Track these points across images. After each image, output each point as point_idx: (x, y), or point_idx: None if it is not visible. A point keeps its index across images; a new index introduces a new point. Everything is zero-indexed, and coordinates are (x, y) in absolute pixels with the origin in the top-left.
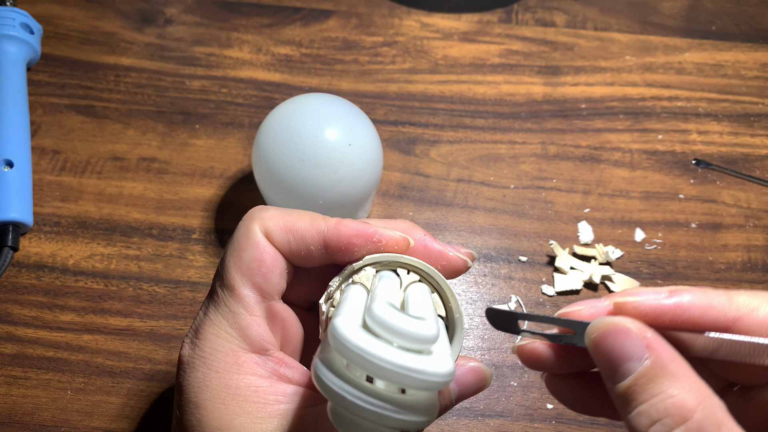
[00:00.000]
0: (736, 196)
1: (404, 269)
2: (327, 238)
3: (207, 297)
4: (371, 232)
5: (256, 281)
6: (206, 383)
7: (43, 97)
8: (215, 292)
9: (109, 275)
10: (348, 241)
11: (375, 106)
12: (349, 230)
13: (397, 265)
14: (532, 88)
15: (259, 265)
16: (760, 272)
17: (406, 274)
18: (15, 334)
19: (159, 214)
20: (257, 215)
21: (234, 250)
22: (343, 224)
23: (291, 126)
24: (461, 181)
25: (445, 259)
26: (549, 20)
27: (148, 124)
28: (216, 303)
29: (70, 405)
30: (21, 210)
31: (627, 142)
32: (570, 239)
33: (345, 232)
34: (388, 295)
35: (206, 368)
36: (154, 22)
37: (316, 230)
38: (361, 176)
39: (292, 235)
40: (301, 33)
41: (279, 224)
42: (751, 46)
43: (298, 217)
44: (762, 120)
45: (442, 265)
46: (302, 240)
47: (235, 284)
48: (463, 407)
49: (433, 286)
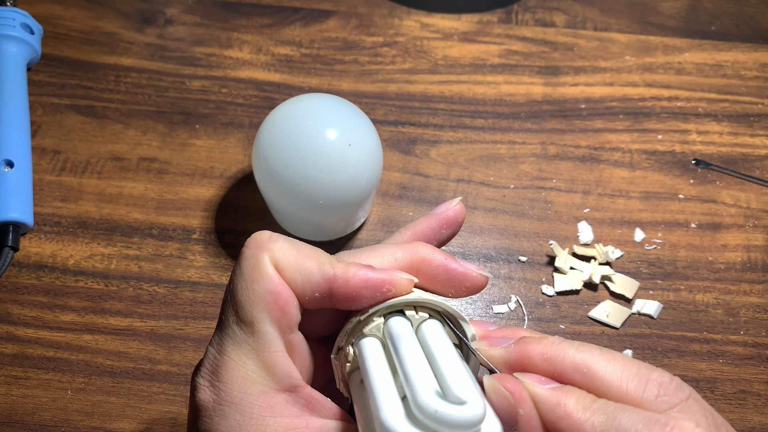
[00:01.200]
0: (736, 196)
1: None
2: (334, 288)
3: (217, 332)
4: (380, 281)
5: (275, 316)
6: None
7: (44, 97)
8: (230, 328)
9: (110, 275)
10: (357, 292)
11: (375, 106)
12: (358, 281)
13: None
14: (531, 89)
15: (276, 298)
16: (760, 272)
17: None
18: (15, 334)
19: (159, 214)
20: (266, 246)
21: (244, 282)
22: (352, 274)
23: (291, 126)
24: (461, 181)
25: (470, 281)
26: (549, 20)
27: (149, 124)
28: (234, 340)
29: (71, 405)
30: (21, 210)
31: (627, 142)
32: (570, 239)
33: (354, 283)
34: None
35: (240, 415)
36: (155, 23)
37: (323, 276)
38: (361, 176)
39: (299, 275)
40: (301, 33)
41: (290, 260)
42: (750, 47)
43: (306, 257)
44: (761, 120)
45: (466, 287)
46: (308, 282)
47: (255, 320)
48: None
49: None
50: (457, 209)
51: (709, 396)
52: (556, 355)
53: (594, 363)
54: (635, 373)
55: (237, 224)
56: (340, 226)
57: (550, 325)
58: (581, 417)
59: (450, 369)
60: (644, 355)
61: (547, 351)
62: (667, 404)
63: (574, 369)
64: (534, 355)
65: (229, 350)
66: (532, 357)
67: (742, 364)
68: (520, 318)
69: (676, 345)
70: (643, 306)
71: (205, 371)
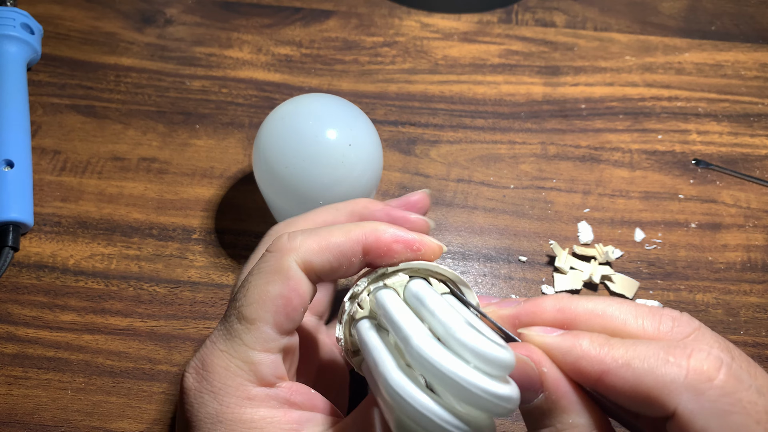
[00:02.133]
0: (736, 196)
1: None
2: (366, 246)
3: (220, 324)
4: (410, 239)
5: (278, 319)
6: (219, 419)
7: (44, 97)
8: (229, 322)
9: (110, 275)
10: (388, 247)
11: (375, 106)
12: (388, 237)
13: (429, 273)
14: (531, 89)
15: (286, 303)
16: (760, 272)
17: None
18: (15, 334)
19: (159, 214)
20: (287, 245)
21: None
22: (381, 230)
23: (291, 126)
24: (461, 181)
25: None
26: (549, 20)
27: (149, 124)
28: (229, 334)
29: (71, 405)
30: (21, 210)
31: (627, 142)
32: (570, 239)
33: (385, 239)
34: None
35: (218, 404)
36: (155, 23)
37: (354, 241)
38: (361, 176)
39: (330, 253)
40: (301, 33)
41: (314, 248)
42: (750, 47)
43: (329, 234)
44: (762, 120)
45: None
46: (342, 255)
47: (257, 318)
48: None
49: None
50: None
51: None
52: (568, 304)
53: (608, 307)
54: (648, 312)
55: (237, 224)
56: None
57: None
58: (600, 352)
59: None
60: None
61: (559, 302)
62: (682, 334)
63: (588, 314)
64: (546, 306)
65: (221, 342)
66: (545, 308)
67: None
68: None
69: None
70: None
71: (196, 359)
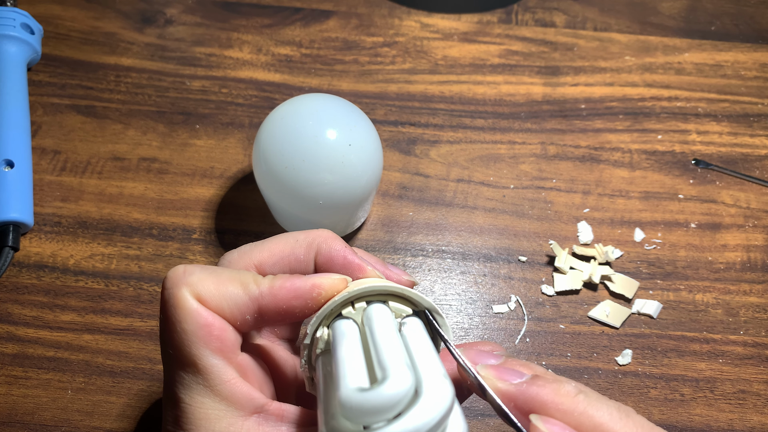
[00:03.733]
0: (736, 196)
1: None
2: (263, 306)
3: (166, 384)
4: (309, 288)
5: (215, 347)
6: None
7: (44, 97)
8: (177, 376)
9: (110, 275)
10: (287, 305)
11: (375, 106)
12: (286, 293)
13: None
14: (531, 89)
15: (210, 330)
16: (760, 272)
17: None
18: (15, 334)
19: (159, 214)
20: (183, 281)
21: (172, 324)
22: (278, 286)
23: (291, 126)
24: (461, 181)
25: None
26: (549, 20)
27: (149, 124)
28: (184, 386)
29: (71, 405)
30: (21, 210)
31: (626, 142)
32: (570, 239)
33: (282, 296)
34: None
35: None
36: (155, 23)
37: (250, 297)
38: (361, 176)
39: (225, 302)
40: (301, 33)
41: (210, 289)
42: (750, 47)
43: (228, 281)
44: (761, 120)
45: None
46: (236, 308)
47: (196, 358)
48: (463, 407)
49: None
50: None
51: (709, 396)
52: (573, 410)
53: (613, 426)
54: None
55: (237, 224)
56: (340, 226)
57: (550, 324)
58: None
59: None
60: (644, 354)
61: (564, 403)
62: None
63: (591, 430)
64: (548, 402)
65: (183, 397)
66: (546, 404)
67: (742, 364)
68: (520, 318)
69: (676, 345)
70: (643, 306)
71: (168, 425)
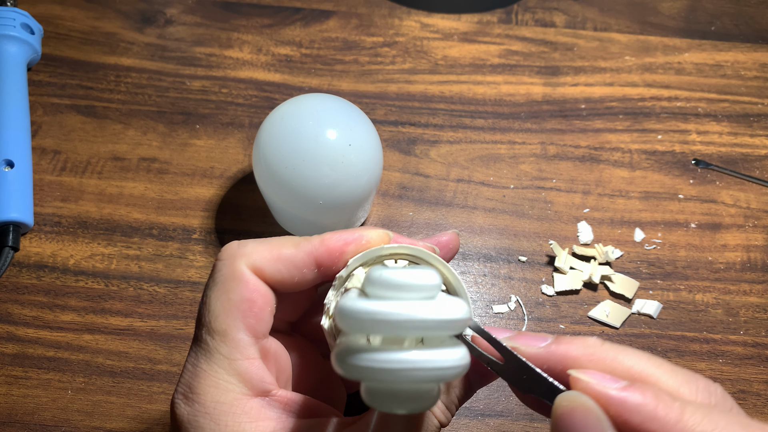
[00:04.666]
0: (736, 196)
1: (392, 260)
2: (318, 257)
3: (192, 347)
4: (358, 236)
5: (249, 323)
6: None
7: (44, 97)
8: (202, 340)
9: (110, 275)
10: (339, 252)
11: (375, 106)
12: (336, 241)
13: (384, 258)
14: (531, 89)
15: (251, 305)
16: (760, 272)
17: (395, 264)
18: (16, 334)
19: (159, 214)
20: (239, 252)
21: (220, 291)
22: (328, 238)
23: (291, 126)
24: (461, 181)
25: None
26: (549, 21)
27: (149, 124)
28: (207, 352)
29: (71, 405)
30: (21, 210)
31: (626, 142)
32: (570, 239)
33: (333, 245)
34: None
35: (214, 424)
36: (155, 23)
37: (305, 252)
38: (361, 176)
39: (282, 263)
40: (302, 33)
41: (266, 256)
42: (750, 47)
43: (281, 245)
44: (761, 120)
45: None
46: (293, 266)
47: (228, 328)
48: (463, 407)
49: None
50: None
51: None
52: (605, 357)
53: (645, 368)
54: (685, 380)
55: (237, 224)
56: (340, 226)
57: (550, 324)
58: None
59: None
60: None
61: (594, 353)
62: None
63: (625, 374)
64: (580, 356)
65: (202, 362)
66: (579, 358)
67: (742, 363)
68: (520, 318)
69: (676, 345)
70: (643, 306)
71: (181, 387)
